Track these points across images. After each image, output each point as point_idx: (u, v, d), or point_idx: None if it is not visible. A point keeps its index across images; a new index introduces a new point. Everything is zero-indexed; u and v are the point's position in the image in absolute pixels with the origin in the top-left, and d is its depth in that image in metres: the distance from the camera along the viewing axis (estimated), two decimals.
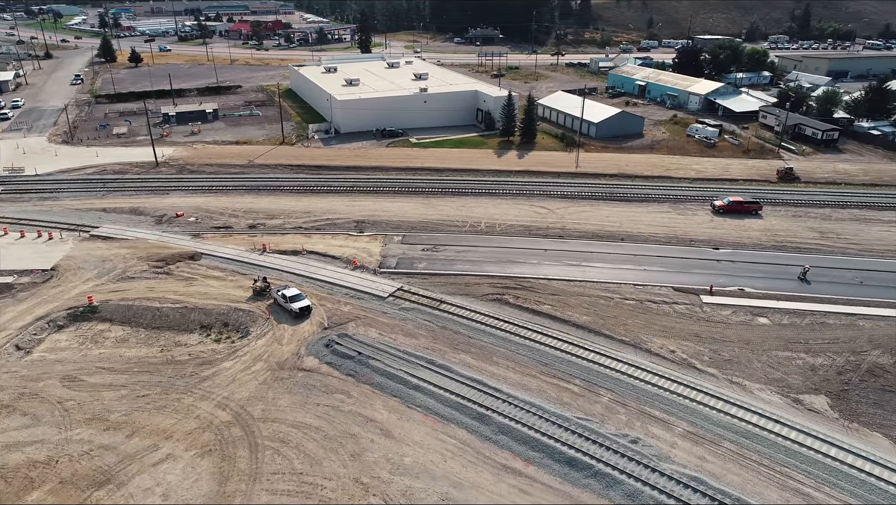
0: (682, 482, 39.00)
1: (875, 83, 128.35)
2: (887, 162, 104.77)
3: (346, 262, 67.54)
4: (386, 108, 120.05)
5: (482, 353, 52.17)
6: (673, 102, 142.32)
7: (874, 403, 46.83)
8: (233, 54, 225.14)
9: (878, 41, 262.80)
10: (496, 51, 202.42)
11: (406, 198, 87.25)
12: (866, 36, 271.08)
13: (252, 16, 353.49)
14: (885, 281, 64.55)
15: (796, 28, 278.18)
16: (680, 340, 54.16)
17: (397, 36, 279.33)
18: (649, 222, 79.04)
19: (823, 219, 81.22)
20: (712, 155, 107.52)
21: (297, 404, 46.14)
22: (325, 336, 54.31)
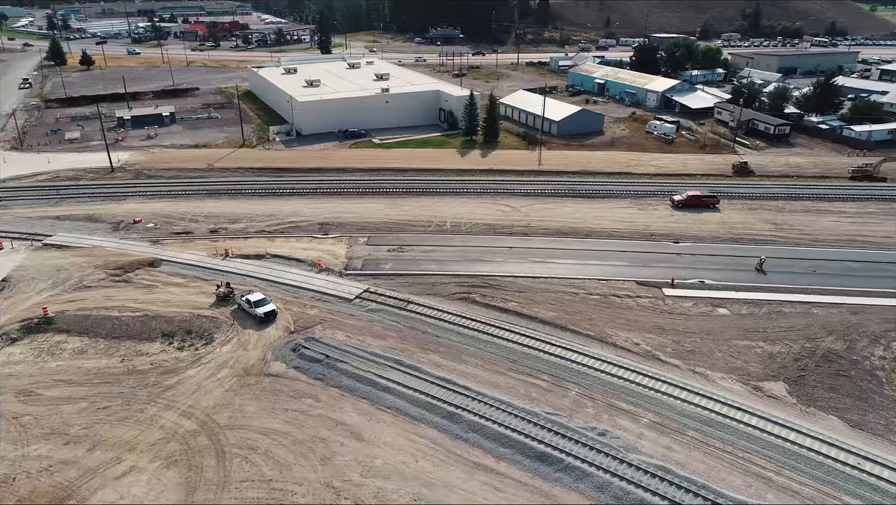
0: (649, 472, 39.76)
1: (823, 79, 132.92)
2: (835, 155, 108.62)
3: (312, 264, 66.89)
4: (348, 108, 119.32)
5: (451, 352, 52.28)
6: (631, 100, 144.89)
7: (829, 388, 48.50)
8: (189, 56, 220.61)
9: (825, 38, 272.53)
10: (457, 50, 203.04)
11: (371, 199, 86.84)
12: (813, 34, 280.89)
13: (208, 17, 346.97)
14: (836, 269, 66.93)
15: (747, 26, 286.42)
16: (644, 332, 55.20)
17: (357, 36, 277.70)
18: (612, 218, 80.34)
19: (777, 211, 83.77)
20: (671, 151, 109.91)
21: (264, 410, 45.50)
22: (291, 340, 53.67)
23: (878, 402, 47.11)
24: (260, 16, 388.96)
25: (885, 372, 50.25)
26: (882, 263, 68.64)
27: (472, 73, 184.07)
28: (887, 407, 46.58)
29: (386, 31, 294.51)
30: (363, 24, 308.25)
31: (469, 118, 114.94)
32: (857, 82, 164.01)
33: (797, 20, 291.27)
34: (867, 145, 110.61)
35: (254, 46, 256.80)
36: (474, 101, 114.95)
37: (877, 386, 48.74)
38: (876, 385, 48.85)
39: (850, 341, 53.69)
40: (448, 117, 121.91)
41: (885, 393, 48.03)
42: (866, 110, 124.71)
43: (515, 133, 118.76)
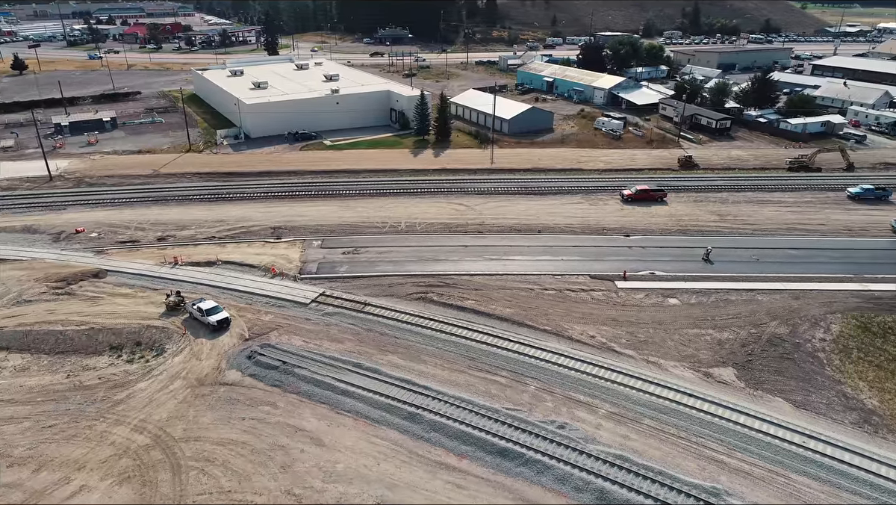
0: (608, 461, 40.59)
1: (759, 75, 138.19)
2: (774, 147, 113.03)
3: (265, 270, 65.70)
4: (297, 110, 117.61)
5: (409, 352, 52.19)
6: (580, 97, 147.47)
7: (775, 371, 50.48)
8: (129, 59, 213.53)
9: (761, 35, 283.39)
10: (407, 50, 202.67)
11: (323, 201, 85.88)
12: (749, 31, 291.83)
13: (148, 18, 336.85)
14: (778, 257, 69.72)
15: (688, 24, 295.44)
16: (598, 325, 56.29)
17: (305, 37, 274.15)
18: (564, 214, 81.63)
19: (722, 202, 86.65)
20: (619, 146, 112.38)
21: (220, 420, 44.47)
22: (246, 348, 52.62)
23: (820, 382, 49.30)
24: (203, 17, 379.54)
25: (825, 353, 52.62)
26: (819, 249, 71.83)
27: (422, 72, 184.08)
28: (828, 387, 48.78)
29: (334, 31, 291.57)
30: (310, 25, 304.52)
31: (420, 118, 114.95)
32: (792, 77, 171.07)
33: (734, 18, 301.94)
34: (802, 137, 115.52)
35: (197, 48, 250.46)
36: (425, 100, 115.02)
37: (818, 367, 50.99)
38: (817, 366, 51.10)
39: (792, 325, 56.00)
40: (399, 117, 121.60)
41: (826, 373, 50.29)
42: (801, 104, 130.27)
43: (467, 132, 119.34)
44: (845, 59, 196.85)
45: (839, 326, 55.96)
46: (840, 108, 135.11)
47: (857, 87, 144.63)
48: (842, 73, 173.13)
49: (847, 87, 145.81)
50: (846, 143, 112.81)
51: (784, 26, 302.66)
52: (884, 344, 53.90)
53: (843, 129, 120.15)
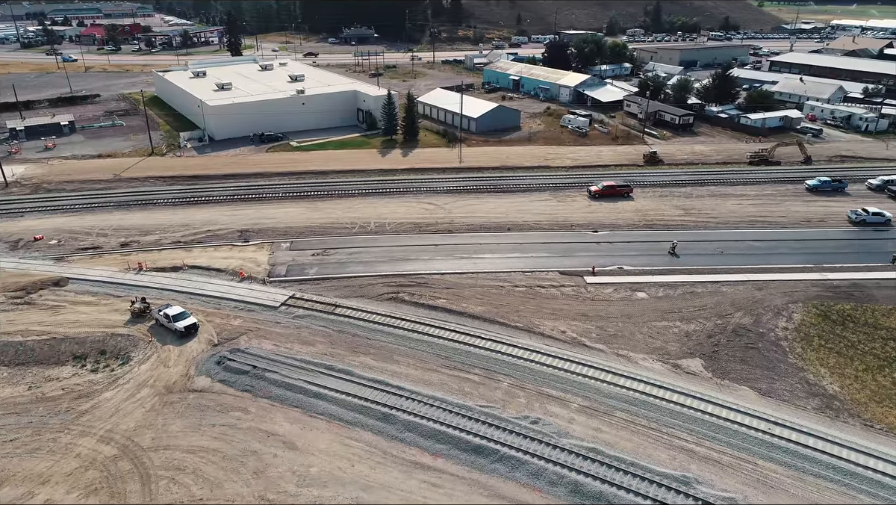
0: (581, 455, 41.07)
1: (720, 71, 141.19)
2: (735, 142, 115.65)
3: (233, 273, 64.74)
4: (262, 111, 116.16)
5: (382, 353, 52.01)
6: (546, 95, 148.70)
7: (740, 360, 51.69)
8: (87, 61, 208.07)
9: (720, 33, 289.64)
10: (372, 50, 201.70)
11: (291, 203, 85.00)
12: (709, 28, 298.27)
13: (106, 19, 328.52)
14: (741, 249, 71.40)
15: (650, 22, 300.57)
16: (569, 320, 56.89)
17: (268, 37, 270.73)
18: (533, 211, 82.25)
19: (686, 197, 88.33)
20: (585, 143, 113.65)
21: (190, 428, 43.70)
22: (215, 353, 51.80)
23: (784, 370, 50.66)
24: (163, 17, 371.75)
25: (787, 342, 54.08)
26: (780, 240, 73.78)
27: (388, 72, 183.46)
28: (791, 374, 50.15)
29: (298, 31, 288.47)
30: (274, 25, 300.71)
31: (388, 118, 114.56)
32: (751, 73, 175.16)
33: (694, 16, 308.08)
34: (762, 132, 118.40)
35: (158, 50, 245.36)
36: (392, 100, 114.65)
37: (781, 355, 52.38)
38: (781, 355, 52.49)
39: (756, 315, 57.40)
40: (367, 117, 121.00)
41: (789, 361, 51.70)
42: (759, 99, 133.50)
43: (435, 131, 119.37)
44: (801, 56, 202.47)
45: (800, 315, 57.57)
46: (797, 103, 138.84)
47: (812, 83, 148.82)
48: (798, 69, 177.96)
49: (803, 82, 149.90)
50: (804, 136, 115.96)
51: (742, 24, 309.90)
52: (843, 331, 55.62)
53: (800, 124, 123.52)
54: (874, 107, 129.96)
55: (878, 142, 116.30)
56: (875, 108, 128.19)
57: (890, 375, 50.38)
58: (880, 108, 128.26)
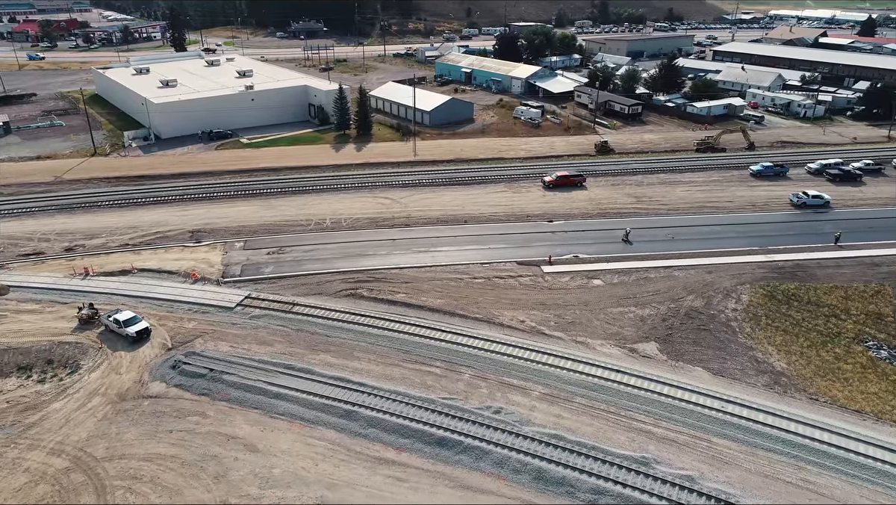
0: (543, 441, 41.67)
1: (666, 61, 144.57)
2: (682, 130, 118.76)
3: (185, 275, 63.09)
4: (210, 108, 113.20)
5: (342, 350, 51.60)
6: (498, 87, 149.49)
7: (693, 342, 53.28)
8: (20, 59, 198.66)
9: (665, 24, 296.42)
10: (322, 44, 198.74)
11: (244, 201, 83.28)
12: (654, 19, 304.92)
13: (40, 15, 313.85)
14: (691, 234, 73.45)
15: (597, 14, 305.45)
16: (527, 310, 57.54)
17: (214, 32, 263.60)
18: (489, 203, 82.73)
19: (637, 185, 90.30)
20: (538, 134, 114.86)
21: (146, 435, 42.51)
22: (170, 357, 50.44)
23: (734, 349, 52.46)
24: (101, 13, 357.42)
25: (737, 322, 56.01)
26: (727, 225, 76.22)
27: (339, 66, 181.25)
28: (741, 353, 51.98)
29: (244, 25, 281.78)
30: (219, 20, 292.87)
31: (340, 112, 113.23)
32: (695, 63, 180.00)
33: (640, 7, 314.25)
34: (707, 120, 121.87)
35: (97, 46, 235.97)
36: (344, 94, 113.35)
37: (731, 336, 54.21)
38: (731, 335, 54.32)
39: (707, 298, 59.22)
40: (318, 112, 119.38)
41: (739, 341, 53.56)
42: (704, 88, 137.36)
43: (388, 125, 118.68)
44: (742, 45, 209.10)
45: (748, 296, 59.66)
46: (740, 91, 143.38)
47: (753, 71, 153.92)
48: (740, 58, 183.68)
49: (745, 71, 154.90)
50: (747, 123, 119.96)
51: (686, 14, 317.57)
52: (788, 310, 57.92)
53: (743, 111, 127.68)
54: (811, 94, 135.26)
55: (815, 127, 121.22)
56: (812, 95, 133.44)
57: (832, 350, 52.75)
58: (817, 95, 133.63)
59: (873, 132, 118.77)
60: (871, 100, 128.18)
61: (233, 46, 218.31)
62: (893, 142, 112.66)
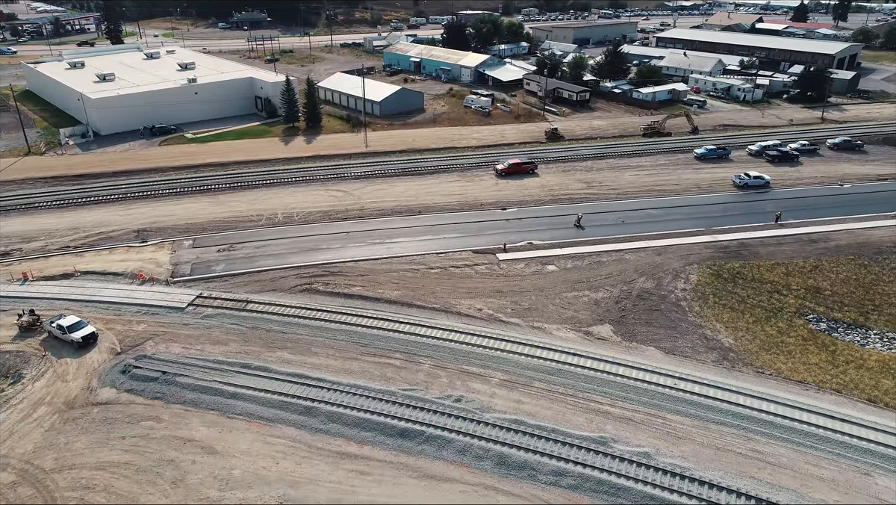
0: (504, 427, 42.17)
1: (611, 48, 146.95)
2: (629, 115, 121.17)
3: (132, 276, 61.04)
4: (152, 102, 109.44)
5: (299, 346, 50.94)
6: (447, 76, 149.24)
7: (645, 323, 54.70)
8: None
9: (609, 11, 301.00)
10: (266, 34, 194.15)
11: (191, 198, 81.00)
12: (599, 7, 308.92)
13: None
14: (640, 218, 75.22)
15: (543, 1, 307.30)
16: (484, 297, 57.95)
17: (152, 23, 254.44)
18: (442, 192, 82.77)
19: (587, 170, 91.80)
20: (489, 123, 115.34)
21: (97, 443, 41.11)
22: (119, 362, 48.81)
23: (684, 328, 54.10)
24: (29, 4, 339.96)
25: (686, 302, 57.75)
26: (675, 207, 78.38)
27: (285, 57, 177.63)
28: (691, 332, 53.65)
29: (185, 16, 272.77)
30: (158, 10, 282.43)
31: (288, 104, 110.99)
32: (639, 49, 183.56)
33: None
34: (652, 105, 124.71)
35: (26, 39, 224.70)
36: (292, 86, 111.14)
37: (681, 315, 55.88)
38: (681, 314, 55.98)
39: (657, 279, 60.83)
40: (266, 105, 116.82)
41: (689, 320, 55.25)
42: (649, 74, 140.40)
43: (338, 116, 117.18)
44: (684, 31, 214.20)
45: (696, 276, 61.57)
46: (683, 77, 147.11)
47: (695, 57, 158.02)
48: (682, 44, 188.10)
49: (687, 56, 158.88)
50: (690, 108, 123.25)
51: (629, 1, 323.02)
52: (734, 288, 60.04)
53: (686, 96, 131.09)
54: (750, 78, 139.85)
55: (754, 110, 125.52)
56: (750, 80, 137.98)
57: (776, 324, 55.00)
58: (755, 79, 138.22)
59: (808, 114, 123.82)
60: (805, 83, 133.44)
61: (173, 38, 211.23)
62: (827, 123, 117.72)
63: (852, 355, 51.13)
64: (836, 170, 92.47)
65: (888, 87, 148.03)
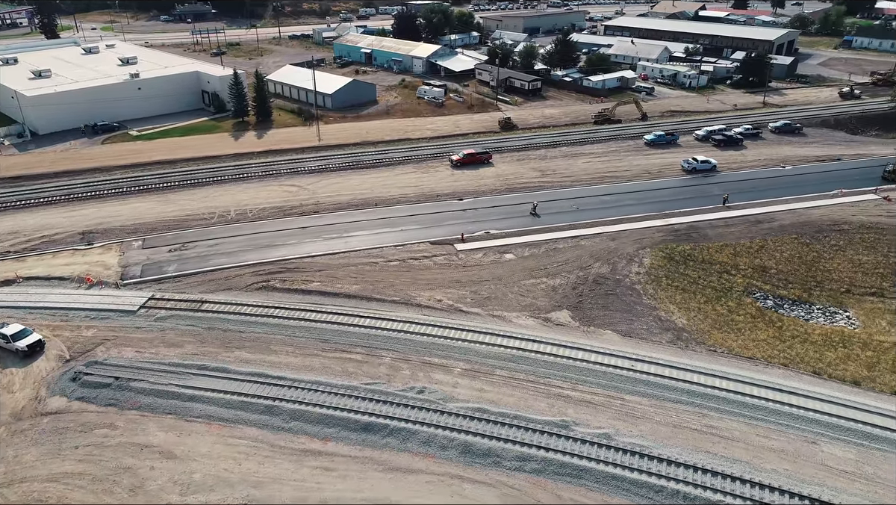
0: (468, 416, 42.51)
1: (561, 37, 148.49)
2: (580, 103, 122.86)
3: (79, 280, 58.89)
4: (92, 99, 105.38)
5: (258, 344, 50.13)
6: (399, 67, 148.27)
7: (602, 307, 55.82)
8: None
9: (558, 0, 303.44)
10: (211, 27, 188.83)
11: (139, 197, 78.53)
12: None
13: None
14: (594, 204, 76.56)
15: None
16: (444, 288, 58.12)
17: (89, 17, 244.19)
18: (398, 184, 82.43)
19: (541, 159, 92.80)
20: (442, 113, 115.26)
21: (49, 455, 39.68)
22: (69, 369, 47.13)
23: (640, 311, 55.44)
24: None
25: (641, 285, 59.16)
26: (627, 192, 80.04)
27: (232, 50, 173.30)
28: (646, 314, 55.03)
29: (124, 9, 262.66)
30: (95, 3, 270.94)
31: (237, 98, 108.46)
32: (588, 38, 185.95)
33: None
34: (602, 93, 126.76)
35: None
36: (240, 80, 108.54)
37: (636, 298, 57.24)
38: (636, 297, 57.34)
39: (612, 264, 62.11)
40: (213, 100, 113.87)
41: (644, 302, 56.64)
42: (598, 62, 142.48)
43: (289, 110, 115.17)
44: (631, 20, 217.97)
45: (649, 260, 63.11)
46: (631, 64, 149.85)
47: (642, 45, 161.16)
48: (629, 32, 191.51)
49: (634, 44, 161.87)
50: (639, 95, 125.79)
51: None
52: (685, 269, 61.79)
53: (635, 83, 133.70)
54: (695, 65, 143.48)
55: (700, 96, 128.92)
56: (695, 66, 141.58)
57: (726, 303, 56.90)
58: (700, 65, 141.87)
59: (750, 99, 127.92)
60: (747, 69, 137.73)
61: (112, 32, 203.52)
62: (768, 107, 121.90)
63: (797, 330, 53.34)
64: (778, 152, 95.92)
65: (824, 72, 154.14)
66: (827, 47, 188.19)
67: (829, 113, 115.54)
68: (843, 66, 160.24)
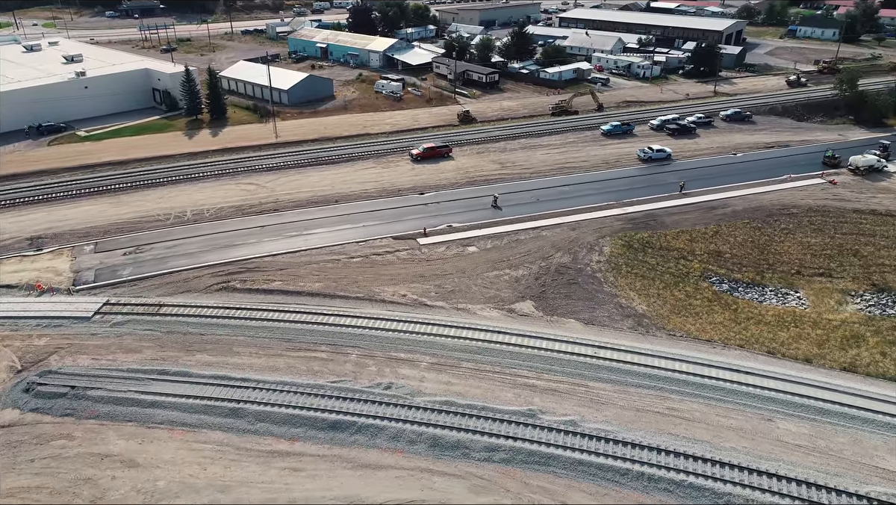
0: (435, 409, 42.65)
1: (517, 29, 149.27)
2: (537, 95, 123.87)
3: (29, 288, 56.77)
4: (35, 99, 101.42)
5: (220, 347, 49.23)
6: (356, 62, 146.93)
7: (565, 296, 56.59)
8: None
9: None
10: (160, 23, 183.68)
11: (89, 200, 76.06)
12: None
13: None
14: (554, 195, 77.42)
15: None
16: (408, 283, 58.04)
17: (30, 13, 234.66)
18: (358, 180, 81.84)
19: (501, 151, 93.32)
20: (401, 108, 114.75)
21: (3, 469, 38.26)
22: (21, 380, 45.46)
23: (601, 298, 56.41)
24: None
25: (601, 273, 60.18)
26: (586, 182, 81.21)
27: (182, 46, 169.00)
28: (607, 301, 56.02)
29: (67, 5, 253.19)
30: None
31: (190, 96, 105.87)
32: (544, 30, 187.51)
33: None
34: (559, 84, 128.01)
35: None
36: (192, 76, 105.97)
37: (598, 286, 58.21)
38: (597, 285, 58.30)
39: (573, 254, 62.98)
40: (165, 98, 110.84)
41: (605, 290, 57.64)
42: (554, 54, 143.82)
43: (244, 107, 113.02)
44: (585, 11, 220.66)
45: (609, 248, 64.21)
46: (586, 56, 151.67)
47: (597, 36, 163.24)
48: (584, 24, 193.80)
49: (589, 36, 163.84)
50: (594, 86, 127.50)
51: None
52: (644, 257, 63.09)
53: (590, 74, 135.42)
54: (648, 55, 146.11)
55: (654, 86, 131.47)
56: (648, 57, 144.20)
57: (683, 288, 58.33)
58: (652, 56, 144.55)
59: (702, 88, 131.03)
60: (698, 59, 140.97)
61: (55, 29, 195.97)
62: (719, 96, 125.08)
63: (752, 312, 55.10)
64: (729, 140, 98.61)
65: (771, 61, 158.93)
66: (773, 37, 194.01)
67: (777, 101, 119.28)
68: (788, 54, 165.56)
